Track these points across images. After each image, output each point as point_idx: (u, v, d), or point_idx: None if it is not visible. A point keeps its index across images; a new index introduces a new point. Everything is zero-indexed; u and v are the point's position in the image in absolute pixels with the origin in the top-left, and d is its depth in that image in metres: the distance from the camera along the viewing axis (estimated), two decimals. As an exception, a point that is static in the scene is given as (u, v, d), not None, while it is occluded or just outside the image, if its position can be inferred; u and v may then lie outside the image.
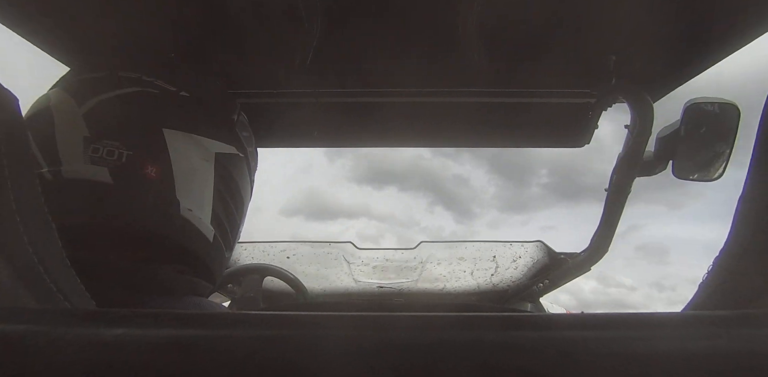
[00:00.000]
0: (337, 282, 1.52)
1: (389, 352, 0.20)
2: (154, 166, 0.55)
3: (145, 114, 0.57)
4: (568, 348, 0.21)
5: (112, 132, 0.54)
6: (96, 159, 0.52)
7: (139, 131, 0.56)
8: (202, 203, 0.60)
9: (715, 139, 0.84)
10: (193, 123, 0.60)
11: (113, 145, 0.53)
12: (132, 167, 0.54)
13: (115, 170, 0.53)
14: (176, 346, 0.21)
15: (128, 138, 0.54)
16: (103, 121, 0.54)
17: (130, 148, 0.54)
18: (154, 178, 0.55)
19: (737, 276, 0.30)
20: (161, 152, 0.56)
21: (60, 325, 0.22)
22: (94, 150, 0.52)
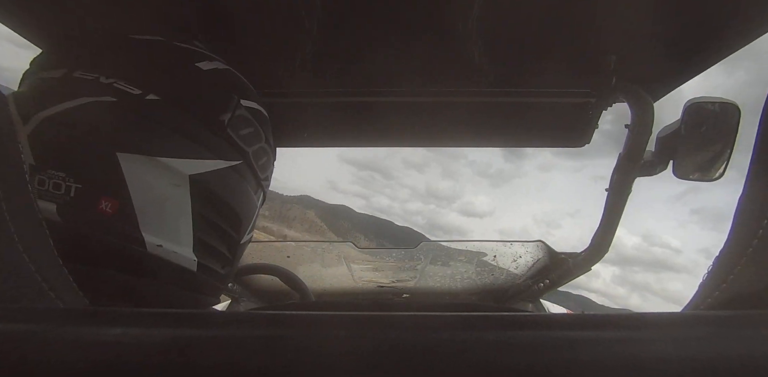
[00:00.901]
0: (338, 282, 1.52)
1: (389, 352, 0.20)
2: (109, 200, 0.47)
3: (96, 135, 0.47)
4: (569, 348, 0.21)
5: (58, 159, 0.46)
6: (42, 193, 0.45)
7: (89, 158, 0.47)
8: (178, 234, 0.52)
9: (716, 138, 0.84)
10: (159, 141, 0.50)
11: (59, 176, 0.45)
12: (82, 203, 0.46)
13: (63, 207, 0.45)
14: (175, 346, 0.21)
15: (76, 167, 0.46)
16: (49, 144, 0.46)
17: (78, 180, 0.46)
18: (110, 213, 0.47)
19: (737, 276, 0.30)
20: (117, 182, 0.47)
21: (59, 324, 0.22)
22: (39, 182, 0.44)
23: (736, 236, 0.31)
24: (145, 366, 0.20)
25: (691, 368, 0.20)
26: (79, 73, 0.49)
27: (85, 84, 0.49)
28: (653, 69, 0.88)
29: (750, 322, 0.23)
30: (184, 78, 0.56)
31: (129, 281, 0.49)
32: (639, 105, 0.88)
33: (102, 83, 0.49)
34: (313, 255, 1.50)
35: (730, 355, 0.21)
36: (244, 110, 0.60)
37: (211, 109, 0.55)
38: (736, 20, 0.71)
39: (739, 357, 0.21)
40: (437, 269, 1.51)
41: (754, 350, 0.21)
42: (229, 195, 0.57)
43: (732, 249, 0.31)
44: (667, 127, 0.90)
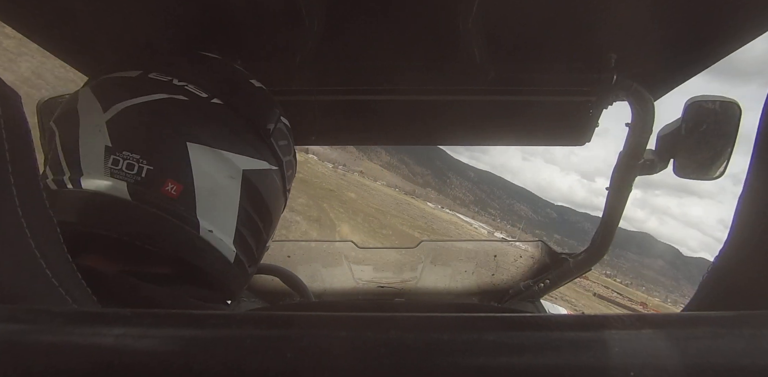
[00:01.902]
0: (338, 282, 1.52)
1: (389, 352, 0.20)
2: (175, 184, 0.52)
3: (170, 125, 0.53)
4: (570, 349, 0.21)
5: (133, 143, 0.51)
6: (115, 171, 0.50)
7: (162, 144, 0.52)
8: (225, 223, 0.56)
9: (717, 137, 0.84)
10: (222, 137, 0.56)
11: (134, 157, 0.50)
12: (152, 183, 0.51)
13: (133, 185, 0.50)
14: (177, 346, 0.21)
15: (150, 151, 0.51)
16: (126, 130, 0.51)
17: (150, 162, 0.51)
18: (174, 196, 0.52)
19: (737, 276, 0.30)
20: (184, 168, 0.52)
21: (60, 325, 0.22)
22: (114, 161, 0.50)
23: (736, 236, 0.31)
24: (145, 366, 0.20)
25: (692, 368, 0.20)
26: (155, 75, 0.55)
27: (160, 83, 0.55)
28: (654, 67, 0.88)
29: (750, 322, 0.23)
30: (241, 88, 0.62)
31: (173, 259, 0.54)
32: (640, 103, 0.88)
33: (175, 84, 0.55)
34: (314, 255, 1.50)
35: (731, 355, 0.21)
36: (283, 124, 0.67)
37: (261, 117, 0.61)
38: (736, 18, 0.71)
39: (740, 357, 0.20)
40: (437, 269, 1.51)
41: (755, 350, 0.21)
42: (270, 195, 0.62)
43: (732, 250, 0.31)
44: (668, 125, 0.90)
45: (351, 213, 43.09)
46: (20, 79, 11.64)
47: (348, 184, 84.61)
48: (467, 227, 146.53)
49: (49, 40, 0.84)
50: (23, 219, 0.27)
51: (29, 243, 0.28)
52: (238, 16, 0.79)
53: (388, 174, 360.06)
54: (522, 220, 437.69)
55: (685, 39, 0.78)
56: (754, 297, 0.30)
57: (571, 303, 45.49)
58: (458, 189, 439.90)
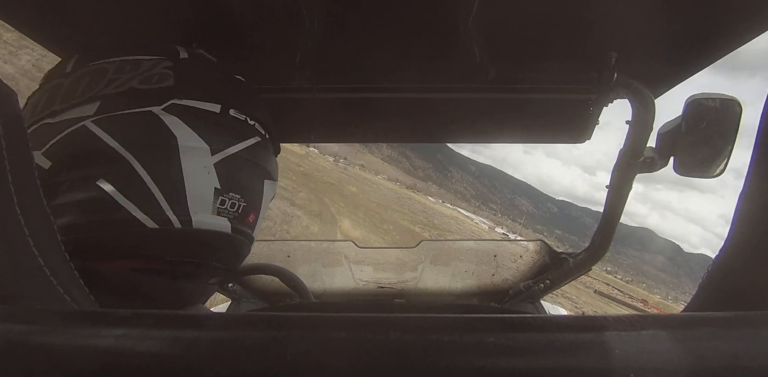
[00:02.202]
0: (338, 282, 1.52)
1: (389, 353, 0.20)
2: (254, 214, 0.61)
3: (259, 167, 0.61)
4: (570, 350, 0.21)
5: (237, 185, 0.57)
6: (222, 210, 0.55)
7: (254, 185, 0.60)
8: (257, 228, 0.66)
9: (717, 135, 0.84)
10: (276, 169, 0.67)
11: (236, 197, 0.56)
12: (243, 217, 0.58)
13: (233, 220, 0.57)
14: (177, 347, 0.21)
15: (247, 191, 0.58)
16: (232, 173, 0.56)
17: (245, 200, 0.58)
18: (250, 223, 0.60)
19: (737, 276, 0.30)
20: (260, 201, 0.62)
21: (61, 325, 0.22)
22: (221, 202, 0.55)
23: (736, 236, 0.31)
24: (145, 367, 0.20)
25: (692, 369, 0.20)
26: (234, 113, 0.59)
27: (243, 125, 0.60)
28: (654, 65, 0.88)
29: (750, 322, 0.23)
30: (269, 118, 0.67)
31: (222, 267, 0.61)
32: (640, 101, 0.88)
33: (251, 125, 0.61)
34: (314, 255, 1.50)
35: (731, 356, 0.21)
36: None
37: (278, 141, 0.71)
38: (737, 17, 0.71)
39: (740, 357, 0.21)
40: (438, 269, 1.51)
41: (755, 350, 0.21)
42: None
43: (732, 249, 0.31)
44: (668, 123, 0.90)
45: (352, 207, 43.13)
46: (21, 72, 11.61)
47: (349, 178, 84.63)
48: (468, 222, 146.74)
49: (48, 38, 0.83)
50: (21, 218, 0.27)
51: (27, 242, 0.28)
52: (239, 15, 0.79)
53: (389, 167, 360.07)
54: (523, 215, 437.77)
55: (685, 37, 0.78)
56: (754, 297, 0.30)
57: (572, 300, 45.57)
58: (459, 183, 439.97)
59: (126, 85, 0.54)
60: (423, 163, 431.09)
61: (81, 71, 0.56)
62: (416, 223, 59.45)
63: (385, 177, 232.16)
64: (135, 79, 0.54)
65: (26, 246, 0.28)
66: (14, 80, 10.83)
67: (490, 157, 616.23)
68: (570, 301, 43.51)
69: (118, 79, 0.54)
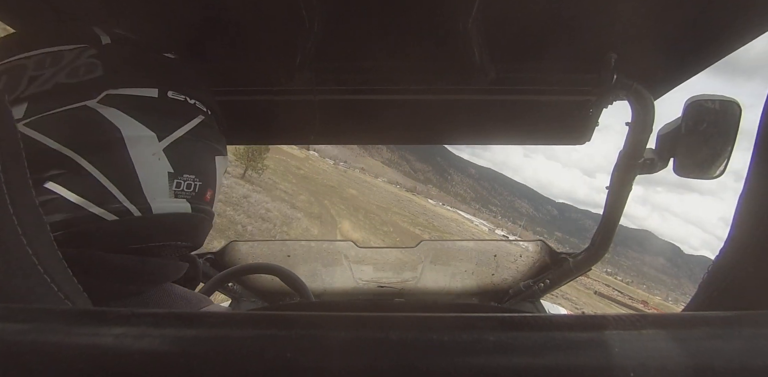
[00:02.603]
0: (338, 282, 1.52)
1: (389, 353, 0.20)
2: (210, 191, 0.62)
3: (207, 145, 0.61)
4: (570, 349, 0.21)
5: (190, 166, 0.58)
6: (178, 192, 0.56)
7: (206, 163, 0.61)
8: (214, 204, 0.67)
9: (717, 136, 0.84)
10: (223, 143, 0.67)
11: (191, 178, 0.58)
12: (201, 195, 0.60)
13: (191, 200, 0.58)
14: (176, 346, 0.21)
15: (200, 170, 0.59)
16: (182, 155, 0.57)
17: (200, 179, 0.59)
18: (208, 200, 0.62)
19: (737, 276, 0.30)
20: (214, 177, 0.63)
21: (60, 325, 0.22)
22: (177, 185, 0.56)
23: (736, 236, 0.31)
24: (145, 366, 0.20)
25: (692, 368, 0.20)
26: (172, 94, 0.58)
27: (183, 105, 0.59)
28: (654, 67, 0.88)
29: (750, 322, 0.23)
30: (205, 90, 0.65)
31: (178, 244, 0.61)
32: (640, 103, 0.88)
33: (191, 104, 0.60)
34: (314, 254, 1.50)
35: (731, 355, 0.21)
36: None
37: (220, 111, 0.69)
38: (736, 19, 0.71)
39: (740, 357, 0.21)
40: (437, 268, 1.51)
41: (755, 350, 0.21)
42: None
43: (732, 250, 0.31)
44: (668, 124, 0.90)
45: (352, 209, 43.12)
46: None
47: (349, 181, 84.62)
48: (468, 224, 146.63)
49: None
50: (14, 218, 0.27)
51: (21, 241, 0.28)
52: (239, 17, 0.79)
53: (389, 170, 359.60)
54: (523, 217, 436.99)
55: (685, 39, 0.78)
56: (754, 297, 0.30)
57: (572, 301, 45.51)
58: (459, 185, 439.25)
59: (52, 81, 0.50)
60: (423, 165, 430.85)
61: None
62: (416, 225, 59.44)
63: (385, 180, 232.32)
64: (59, 73, 0.51)
65: (20, 245, 0.28)
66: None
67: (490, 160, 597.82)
68: (570, 302, 43.45)
69: (41, 76, 0.50)
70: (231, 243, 1.44)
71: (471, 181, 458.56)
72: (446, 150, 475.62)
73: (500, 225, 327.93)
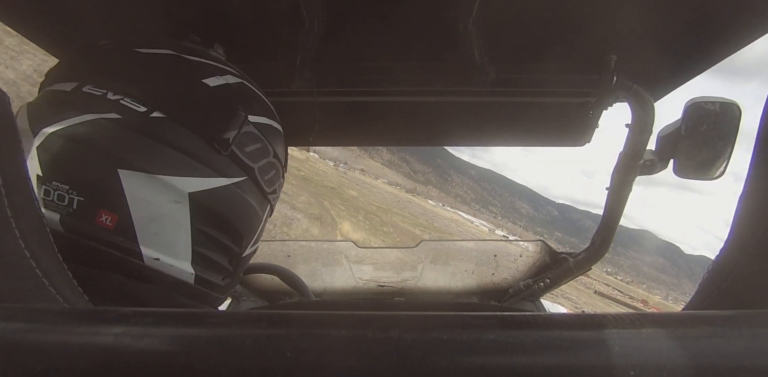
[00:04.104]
0: (338, 281, 1.52)
1: (389, 352, 0.20)
2: (110, 214, 0.48)
3: (99, 151, 0.49)
4: (569, 348, 0.21)
5: (62, 172, 0.47)
6: (48, 202, 0.46)
7: (91, 173, 0.49)
8: (175, 248, 0.53)
9: (716, 137, 0.84)
10: (161, 159, 0.51)
11: (63, 188, 0.47)
12: (83, 215, 0.48)
13: (66, 217, 0.47)
14: (176, 345, 0.21)
15: (78, 181, 0.48)
16: (55, 158, 0.47)
17: (80, 193, 0.47)
18: (110, 227, 0.48)
19: (737, 276, 0.30)
20: (117, 198, 0.48)
21: (60, 324, 0.22)
22: (45, 192, 0.47)
23: (736, 236, 0.31)
24: (145, 365, 0.20)
25: (692, 367, 0.20)
26: (89, 88, 0.51)
27: (92, 99, 0.50)
28: (654, 68, 0.88)
29: (750, 321, 0.23)
30: (190, 95, 0.56)
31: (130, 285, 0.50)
32: (639, 104, 0.88)
33: (109, 99, 0.50)
34: (314, 254, 1.50)
35: (731, 354, 0.21)
36: (252, 127, 0.59)
37: (215, 127, 0.55)
38: (736, 20, 0.71)
39: (740, 356, 0.21)
40: (438, 268, 1.51)
41: (755, 349, 0.21)
42: (230, 211, 0.57)
43: (732, 250, 0.31)
44: (668, 126, 0.90)
45: (352, 210, 43.06)
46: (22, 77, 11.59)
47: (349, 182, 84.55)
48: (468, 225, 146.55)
49: (48, 39, 0.83)
50: (12, 220, 0.27)
51: (19, 244, 0.28)
52: (239, 17, 0.79)
53: (389, 172, 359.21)
54: (523, 218, 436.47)
55: (685, 41, 0.78)
56: (754, 297, 0.30)
57: (572, 301, 45.46)
58: (459, 187, 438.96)
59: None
60: (423, 167, 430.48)
61: None
62: (416, 226, 59.38)
63: (385, 181, 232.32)
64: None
65: (18, 249, 0.28)
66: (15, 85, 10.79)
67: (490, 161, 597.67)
68: (570, 301, 43.40)
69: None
70: None
71: (471, 182, 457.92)
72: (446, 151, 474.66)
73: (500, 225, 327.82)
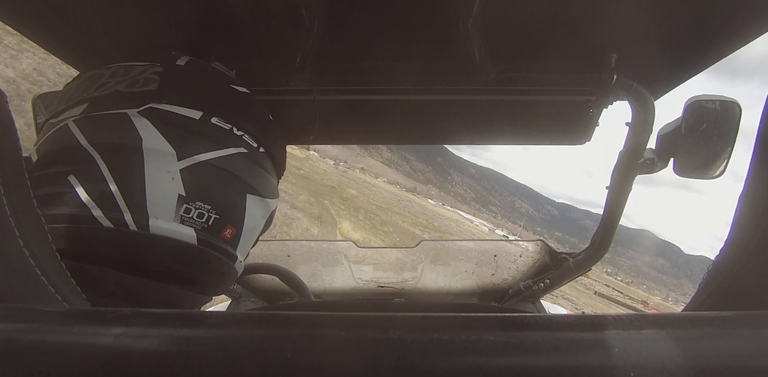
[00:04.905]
0: (338, 281, 1.52)
1: (389, 352, 0.20)
2: (232, 228, 0.58)
3: (238, 179, 0.58)
4: (570, 349, 0.21)
5: (207, 195, 0.54)
6: (186, 219, 0.53)
7: (230, 197, 0.57)
8: (247, 250, 0.65)
9: (717, 136, 0.84)
10: (267, 185, 0.63)
11: (205, 208, 0.54)
12: (215, 230, 0.56)
13: (200, 231, 0.54)
14: (177, 346, 0.21)
15: (220, 202, 0.55)
16: (202, 182, 0.54)
17: (219, 212, 0.55)
18: (228, 238, 0.58)
19: (737, 276, 0.30)
20: (241, 216, 0.58)
21: (60, 324, 0.22)
22: (186, 210, 0.53)
23: (736, 236, 0.31)
24: (145, 366, 0.20)
25: (692, 368, 0.20)
26: (217, 121, 0.57)
27: (224, 134, 0.57)
28: (654, 67, 0.88)
29: (750, 322, 0.23)
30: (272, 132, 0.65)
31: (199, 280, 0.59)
32: (639, 103, 0.88)
33: (236, 135, 0.58)
34: (314, 254, 1.50)
35: (731, 355, 0.21)
36: None
37: (283, 158, 0.69)
38: (737, 19, 0.71)
39: (740, 356, 0.21)
40: (437, 268, 1.51)
41: (755, 350, 0.21)
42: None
43: (732, 249, 0.31)
44: (668, 124, 0.90)
45: (352, 209, 43.13)
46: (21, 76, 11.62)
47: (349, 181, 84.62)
48: (468, 224, 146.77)
49: (47, 39, 0.84)
50: (11, 219, 0.27)
51: (18, 243, 0.27)
52: (239, 17, 0.79)
53: (389, 171, 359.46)
54: (523, 217, 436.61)
55: (685, 39, 0.78)
56: (754, 297, 0.30)
57: (572, 302, 45.51)
58: (459, 185, 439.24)
59: (113, 88, 0.54)
60: (423, 166, 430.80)
61: (84, 75, 0.58)
62: (416, 225, 59.46)
63: (385, 180, 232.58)
64: (122, 82, 0.55)
65: (17, 248, 0.27)
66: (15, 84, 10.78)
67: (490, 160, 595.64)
68: (570, 302, 43.46)
69: (108, 83, 0.55)
70: None
71: (471, 181, 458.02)
72: (446, 150, 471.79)
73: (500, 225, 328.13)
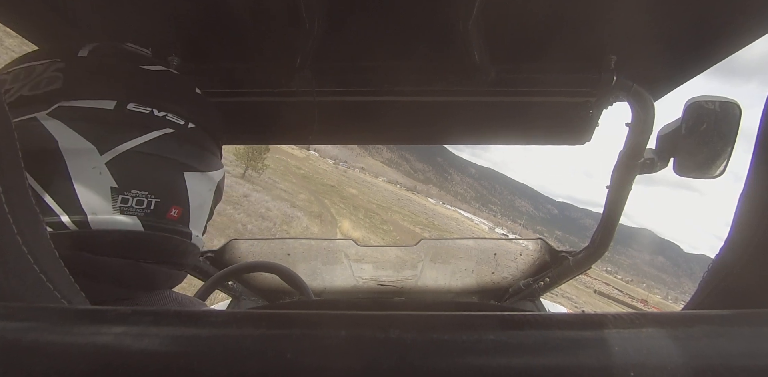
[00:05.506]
0: (338, 280, 1.52)
1: (389, 352, 0.20)
2: (177, 208, 0.58)
3: (169, 161, 0.57)
4: (569, 348, 0.21)
5: (140, 182, 0.54)
6: (125, 209, 0.53)
7: (165, 178, 0.57)
8: (202, 224, 0.65)
9: (717, 137, 0.84)
10: (204, 159, 0.62)
11: (142, 194, 0.54)
12: (159, 213, 0.56)
13: (144, 218, 0.54)
14: (177, 345, 0.21)
15: (156, 186, 0.55)
16: (131, 170, 0.53)
17: (158, 196, 0.55)
18: (176, 218, 0.58)
19: (737, 275, 0.30)
20: (183, 194, 0.59)
21: (60, 323, 0.22)
22: (123, 200, 0.52)
23: (736, 236, 0.31)
24: (145, 365, 0.20)
25: (692, 367, 0.20)
26: (133, 106, 0.55)
27: (144, 117, 0.56)
28: (654, 68, 0.88)
29: (750, 321, 0.23)
30: (200, 105, 0.64)
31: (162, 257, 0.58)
32: (639, 104, 0.88)
33: (157, 116, 0.57)
34: (314, 253, 1.50)
35: (731, 354, 0.21)
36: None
37: (218, 129, 0.67)
38: (736, 20, 0.71)
39: (740, 355, 0.21)
40: (437, 267, 1.51)
41: (755, 349, 0.21)
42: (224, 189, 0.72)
43: (732, 248, 0.31)
44: (668, 125, 0.90)
45: (352, 208, 43.13)
46: (21, 76, 11.53)
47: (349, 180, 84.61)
48: (468, 223, 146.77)
49: (48, 41, 0.84)
50: (9, 216, 0.27)
51: (17, 240, 0.27)
52: (239, 17, 0.79)
53: (389, 170, 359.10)
54: (523, 216, 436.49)
55: (685, 40, 0.78)
56: (754, 296, 0.30)
57: (572, 300, 45.53)
58: (459, 185, 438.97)
59: (17, 93, 0.52)
60: (423, 165, 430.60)
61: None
62: (416, 224, 59.48)
63: (385, 179, 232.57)
64: (26, 86, 0.52)
65: (15, 245, 0.27)
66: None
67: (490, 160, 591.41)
68: (570, 301, 43.49)
69: (11, 89, 0.53)
70: (231, 241, 1.45)
71: (471, 180, 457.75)
72: (446, 150, 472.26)
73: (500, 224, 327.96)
